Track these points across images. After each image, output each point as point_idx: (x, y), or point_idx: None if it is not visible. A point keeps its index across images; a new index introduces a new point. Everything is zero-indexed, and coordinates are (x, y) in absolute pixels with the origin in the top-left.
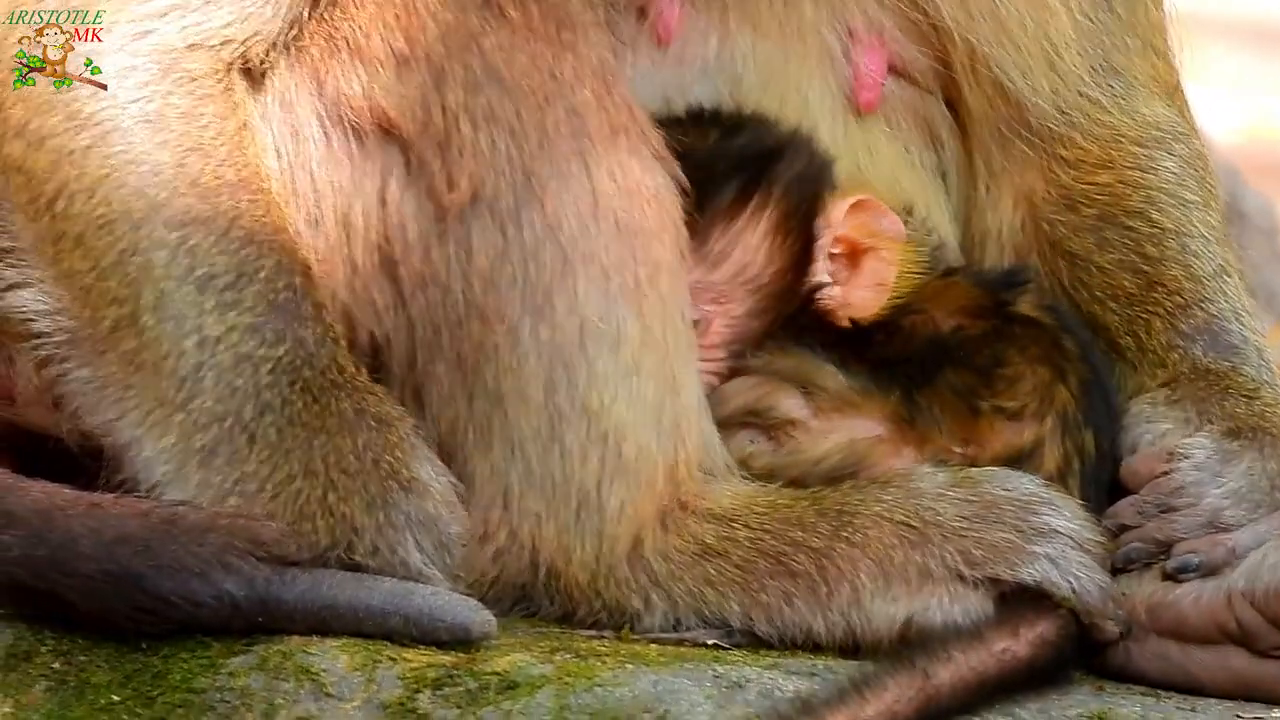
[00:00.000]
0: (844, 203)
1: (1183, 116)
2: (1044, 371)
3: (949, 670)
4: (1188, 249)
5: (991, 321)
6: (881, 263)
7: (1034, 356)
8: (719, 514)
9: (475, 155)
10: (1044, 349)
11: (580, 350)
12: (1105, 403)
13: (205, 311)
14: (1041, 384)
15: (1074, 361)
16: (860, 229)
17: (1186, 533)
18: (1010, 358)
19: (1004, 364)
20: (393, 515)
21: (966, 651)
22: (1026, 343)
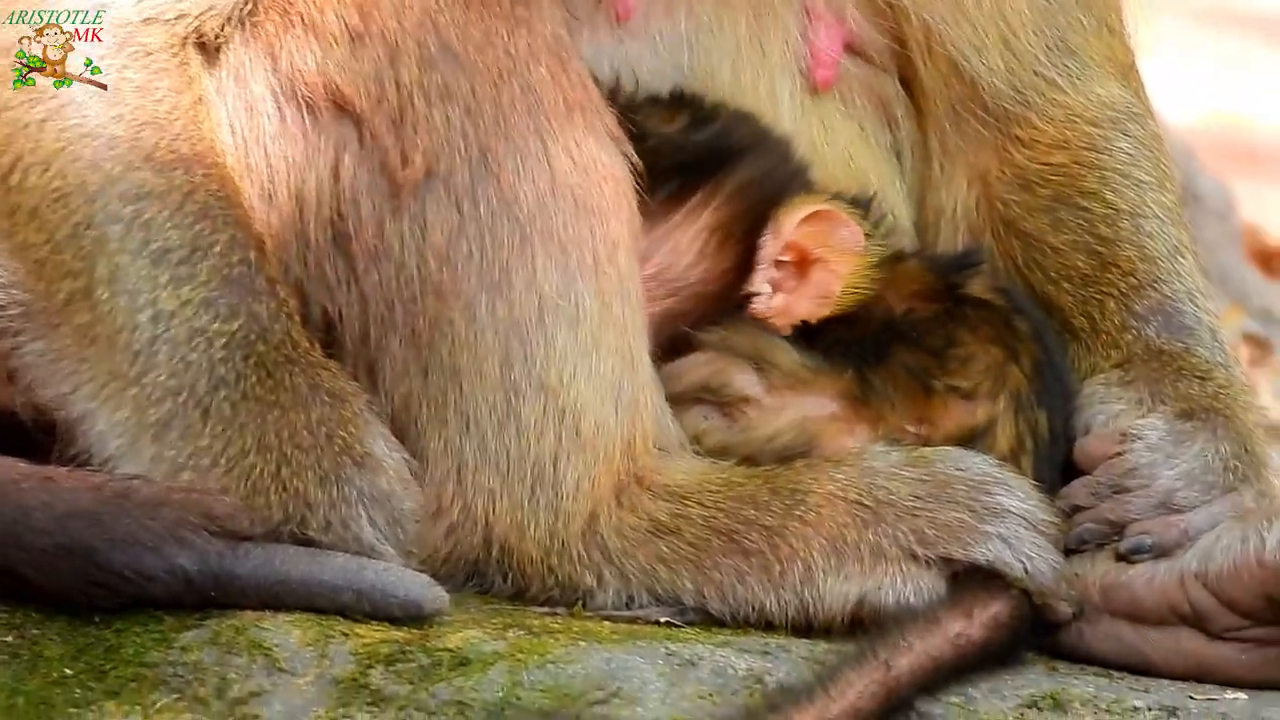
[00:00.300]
0: (801, 211)
1: (1138, 97)
2: (996, 352)
3: (908, 659)
4: (1142, 230)
5: (943, 304)
6: (829, 275)
7: (986, 337)
8: (673, 491)
9: (430, 131)
10: (996, 330)
11: (538, 326)
12: (1058, 383)
13: (159, 285)
14: (994, 364)
15: (1026, 342)
16: (813, 239)
17: (1140, 514)
18: (962, 338)
19: (956, 344)
20: (346, 490)
21: (923, 638)
22: (978, 324)
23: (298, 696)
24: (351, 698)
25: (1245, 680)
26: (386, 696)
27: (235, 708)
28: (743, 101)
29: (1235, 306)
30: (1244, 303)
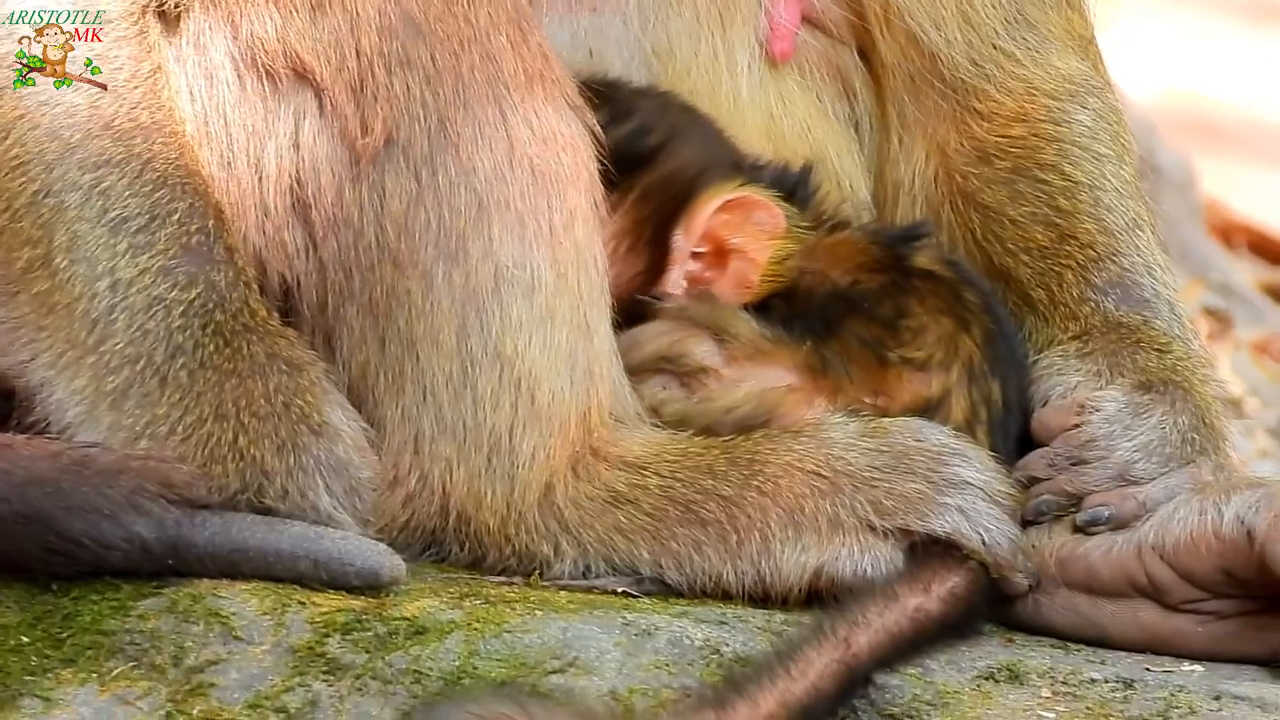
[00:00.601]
0: (714, 200)
1: (1097, 70)
2: (947, 323)
3: (866, 635)
4: (1101, 202)
5: (889, 275)
6: (747, 263)
7: (935, 308)
8: (630, 461)
9: (390, 100)
10: (945, 301)
11: (494, 296)
12: (1010, 353)
13: (118, 254)
14: (945, 335)
15: (976, 313)
16: (727, 227)
17: (1097, 485)
18: (912, 309)
19: (907, 315)
20: (303, 459)
21: (881, 614)
22: (926, 295)
23: (254, 665)
24: (308, 666)
25: (1202, 653)
26: (343, 665)
27: (192, 676)
28: (700, 74)
29: (1195, 280)
30: (1204, 277)
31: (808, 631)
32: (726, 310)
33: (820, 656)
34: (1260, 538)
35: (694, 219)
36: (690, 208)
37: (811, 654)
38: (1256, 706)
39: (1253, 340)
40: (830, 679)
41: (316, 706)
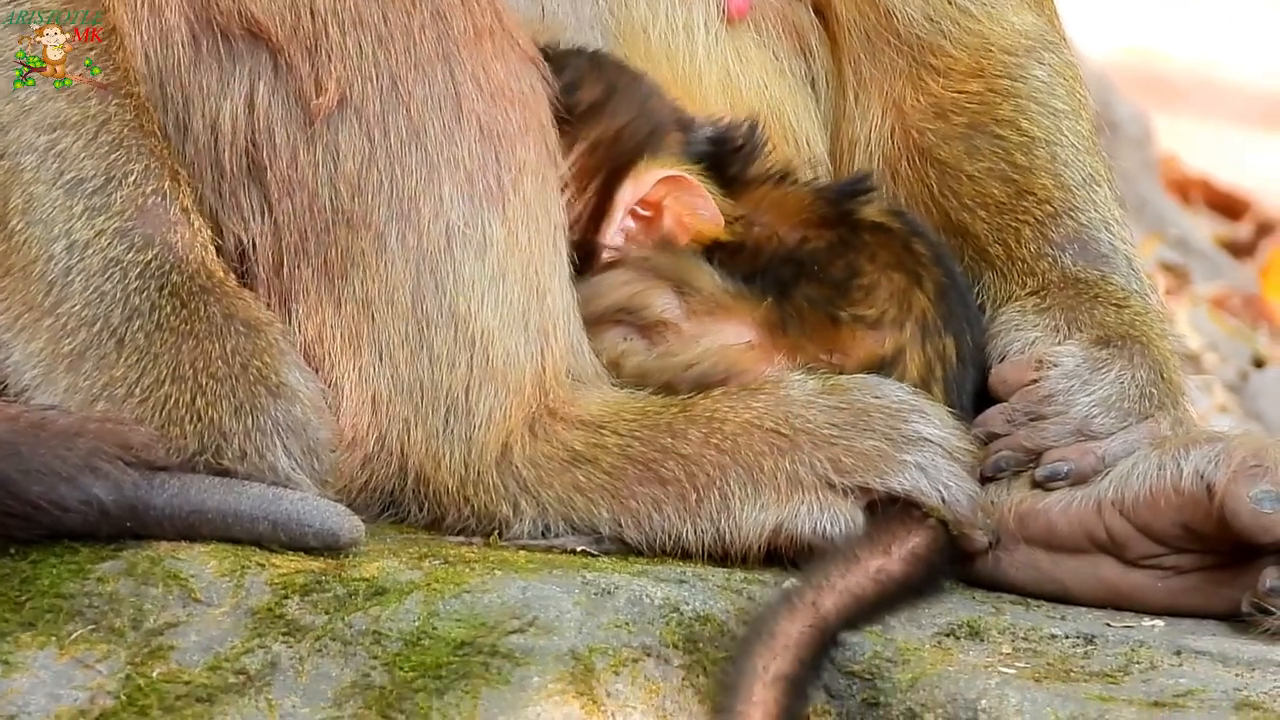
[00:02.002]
0: (657, 173)
1: (1052, 25)
2: (899, 278)
3: (832, 598)
4: (1057, 158)
5: (837, 230)
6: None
7: (886, 263)
8: (588, 420)
9: (343, 59)
10: (895, 255)
11: (447, 255)
12: (963, 306)
13: (74, 215)
14: (898, 291)
15: (928, 266)
16: (671, 204)
17: (1056, 440)
18: (863, 267)
19: (858, 274)
20: (261, 420)
21: (845, 576)
22: (876, 250)
23: (214, 627)
24: (267, 628)
25: (1162, 607)
26: (303, 627)
27: (151, 638)
28: (657, 32)
29: (1153, 236)
30: (1161, 232)
31: (778, 601)
32: (690, 262)
33: (793, 624)
34: (1219, 492)
35: (640, 180)
36: (636, 167)
37: (784, 623)
38: (1217, 661)
39: (1210, 295)
40: (806, 646)
41: (276, 668)
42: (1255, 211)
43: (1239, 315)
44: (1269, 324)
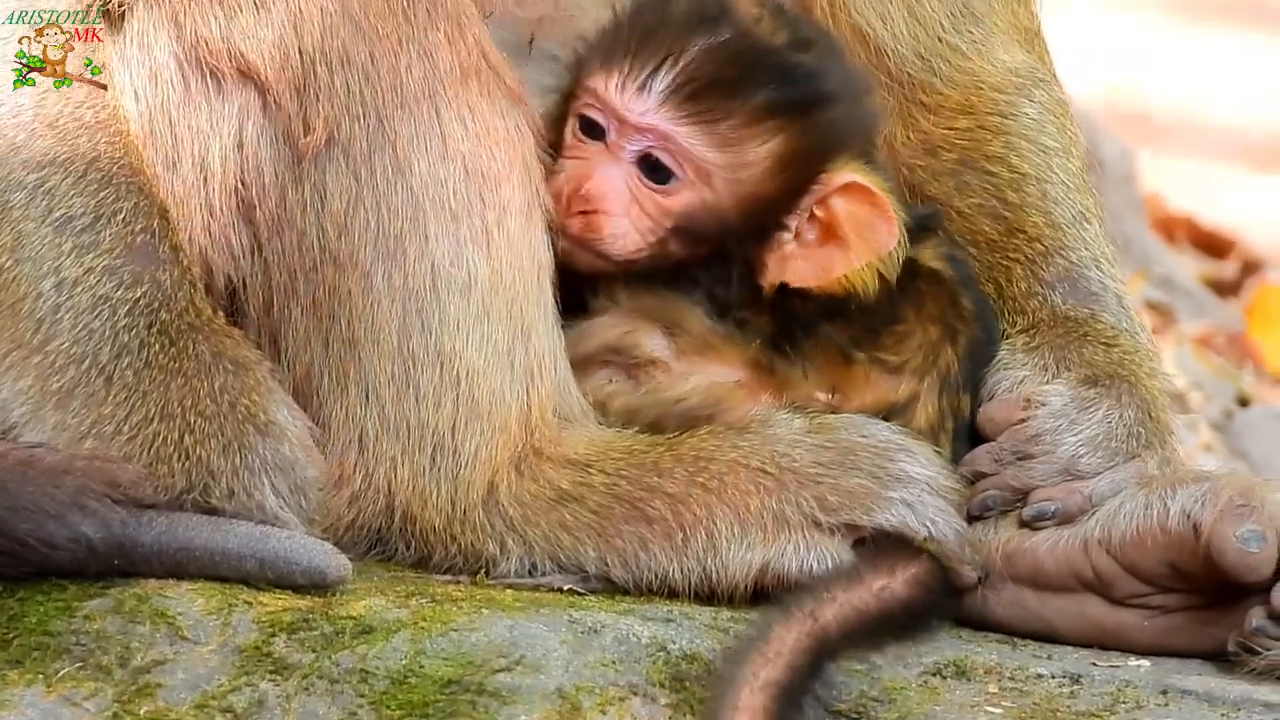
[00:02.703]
0: (849, 175)
1: (1043, 63)
2: (935, 331)
3: (833, 610)
4: (1048, 195)
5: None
6: (841, 258)
7: (930, 315)
8: (574, 459)
9: (331, 99)
10: (941, 307)
11: (432, 295)
12: (987, 365)
13: (63, 253)
14: (929, 343)
15: (968, 321)
16: (849, 214)
17: (1043, 480)
18: (905, 315)
19: (898, 320)
20: (249, 458)
21: (848, 591)
22: (925, 300)
23: (201, 665)
24: (255, 666)
25: (1149, 647)
26: (290, 665)
27: (138, 676)
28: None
29: (1138, 274)
30: (1147, 270)
31: (776, 611)
32: (679, 304)
33: (789, 632)
34: (1206, 531)
35: (832, 177)
36: (834, 163)
37: (781, 630)
38: (1204, 701)
39: (1195, 334)
40: (802, 654)
41: (263, 706)
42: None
43: (1224, 354)
44: (1254, 363)
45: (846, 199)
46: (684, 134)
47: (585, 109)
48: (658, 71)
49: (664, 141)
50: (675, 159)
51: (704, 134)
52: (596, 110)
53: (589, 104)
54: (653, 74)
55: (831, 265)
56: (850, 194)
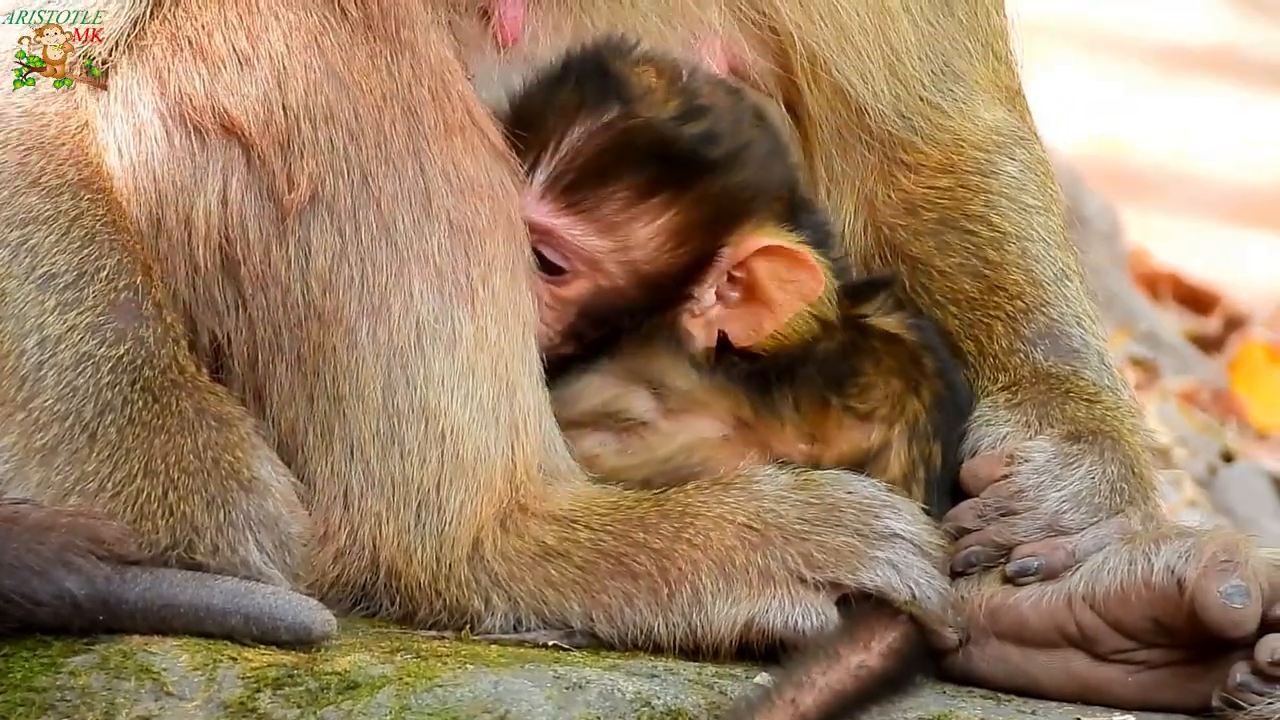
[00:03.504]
0: (765, 238)
1: (1024, 121)
2: (897, 384)
3: (812, 695)
4: (1029, 253)
5: (849, 334)
6: (768, 315)
7: (889, 369)
8: (560, 515)
9: (315, 155)
10: (900, 363)
11: (417, 351)
12: (959, 418)
13: (47, 310)
14: (893, 394)
15: (930, 378)
16: (768, 272)
17: (1026, 536)
18: (865, 368)
19: (858, 373)
20: (233, 514)
21: (826, 673)
22: (883, 356)
23: None
24: None
25: (1133, 702)
26: None
27: None
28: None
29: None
30: (1130, 326)
31: (756, 699)
32: (665, 361)
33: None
34: (1190, 587)
35: (742, 243)
36: (741, 228)
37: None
38: None
39: (1179, 390)
40: None
41: None
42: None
43: (1208, 410)
44: (1238, 419)
45: (763, 260)
46: (562, 226)
47: None
48: (537, 164)
49: (545, 235)
50: (559, 252)
51: (584, 223)
52: None
53: None
54: (532, 167)
55: (761, 323)
56: (767, 255)
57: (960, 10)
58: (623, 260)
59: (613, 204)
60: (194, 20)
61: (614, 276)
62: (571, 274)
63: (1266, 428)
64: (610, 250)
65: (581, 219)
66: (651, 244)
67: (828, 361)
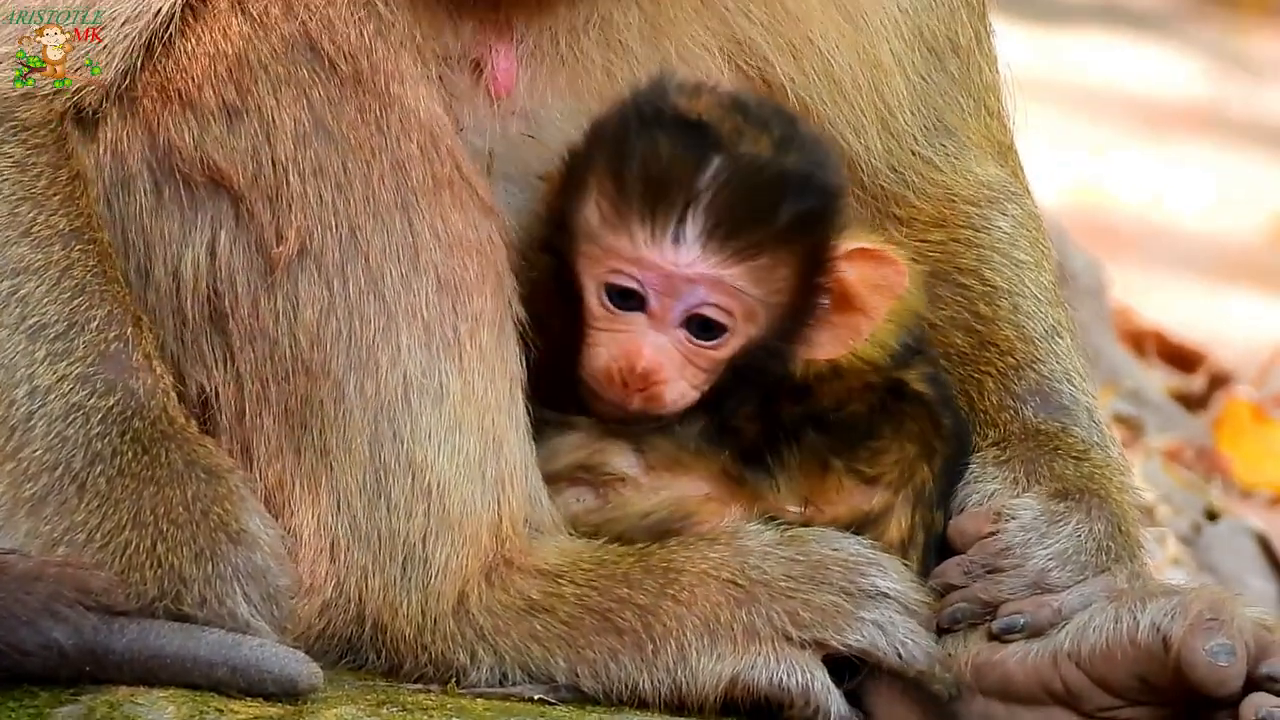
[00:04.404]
0: (849, 245)
1: (1016, 177)
2: (912, 449)
3: None
4: (1020, 309)
5: (881, 396)
6: (865, 319)
7: (908, 433)
8: (545, 570)
9: (304, 208)
10: (921, 426)
11: (404, 405)
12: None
13: (36, 361)
14: (905, 459)
15: (946, 440)
16: (861, 281)
17: (1013, 593)
18: (883, 431)
19: (875, 436)
20: (221, 566)
21: None
22: (905, 420)
23: None
24: None
25: None
26: None
27: None
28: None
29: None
30: (1115, 383)
31: None
32: (644, 429)
33: None
34: (1175, 645)
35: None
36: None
37: None
38: None
39: (1164, 447)
40: None
41: None
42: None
43: (1192, 468)
44: (1222, 477)
45: (853, 265)
46: (733, 275)
47: (614, 277)
48: (684, 219)
49: (715, 289)
50: (724, 309)
51: (749, 270)
52: (628, 277)
53: (617, 270)
54: (680, 223)
55: (858, 330)
56: (854, 259)
57: (953, 65)
58: (769, 304)
59: (769, 247)
60: (184, 72)
61: (762, 324)
62: (731, 332)
63: (1251, 485)
64: (764, 295)
65: (747, 266)
66: (790, 279)
67: (847, 424)
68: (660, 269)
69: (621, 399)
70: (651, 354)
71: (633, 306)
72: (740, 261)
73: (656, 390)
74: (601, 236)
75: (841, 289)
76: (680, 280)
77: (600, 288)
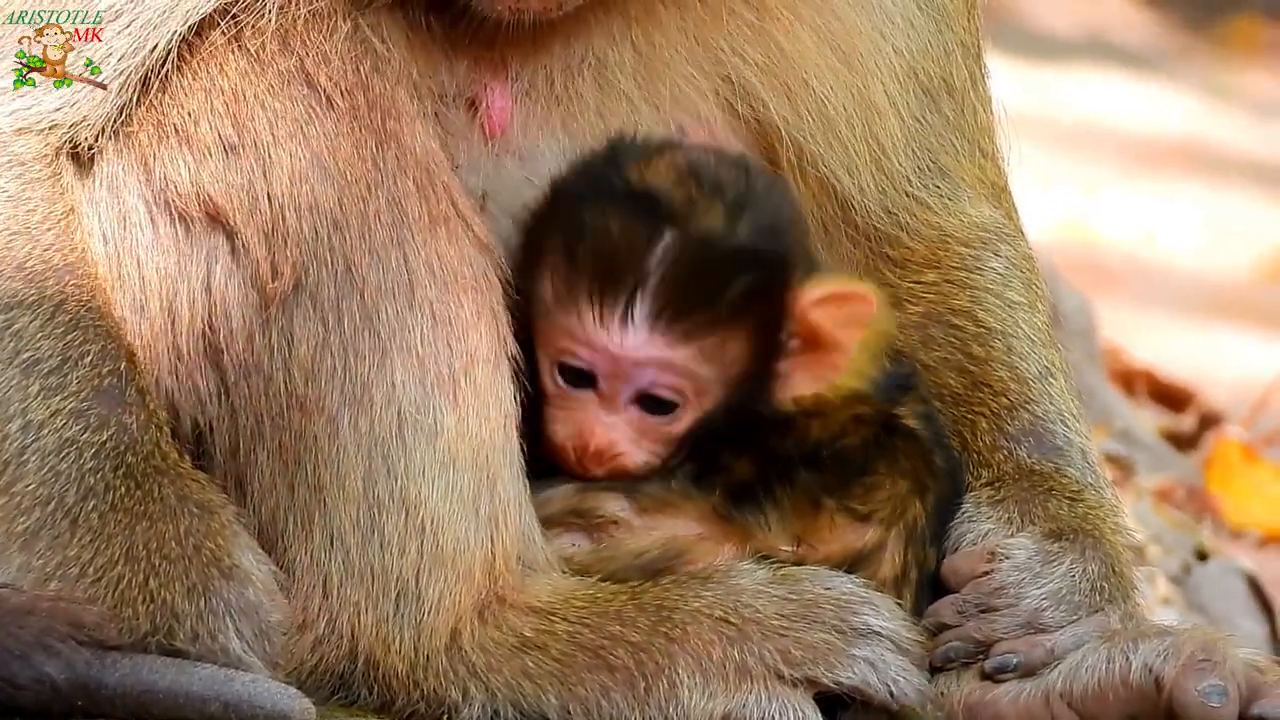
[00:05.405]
0: (812, 294)
1: (1010, 218)
2: (904, 485)
3: None
4: (1013, 350)
5: (874, 430)
6: (840, 355)
7: (901, 470)
8: (538, 607)
9: (299, 243)
10: (913, 463)
11: (399, 441)
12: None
13: (30, 395)
14: (898, 496)
15: (938, 479)
16: (828, 321)
17: (1006, 633)
18: (876, 467)
19: (868, 472)
20: (213, 602)
21: None
22: (899, 457)
23: None
24: None
25: None
26: None
27: None
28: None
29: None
30: (1106, 423)
31: None
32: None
33: None
34: (1168, 685)
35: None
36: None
37: None
38: None
39: (1154, 487)
40: None
41: None
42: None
43: (1183, 507)
44: (1212, 517)
45: (818, 309)
46: (683, 356)
47: (565, 357)
48: (633, 301)
49: (665, 371)
50: (675, 389)
51: (699, 350)
52: (578, 358)
53: (568, 349)
54: (628, 305)
55: (834, 365)
56: (819, 305)
57: (947, 107)
58: (722, 376)
59: (719, 325)
60: (180, 107)
61: (716, 394)
62: (682, 408)
63: (1241, 526)
64: (715, 371)
65: (696, 346)
66: (743, 347)
67: (841, 457)
68: (608, 352)
69: (583, 471)
70: (603, 433)
71: (585, 385)
72: (690, 342)
73: (618, 463)
74: (554, 314)
75: (809, 332)
76: (628, 364)
77: (554, 365)
